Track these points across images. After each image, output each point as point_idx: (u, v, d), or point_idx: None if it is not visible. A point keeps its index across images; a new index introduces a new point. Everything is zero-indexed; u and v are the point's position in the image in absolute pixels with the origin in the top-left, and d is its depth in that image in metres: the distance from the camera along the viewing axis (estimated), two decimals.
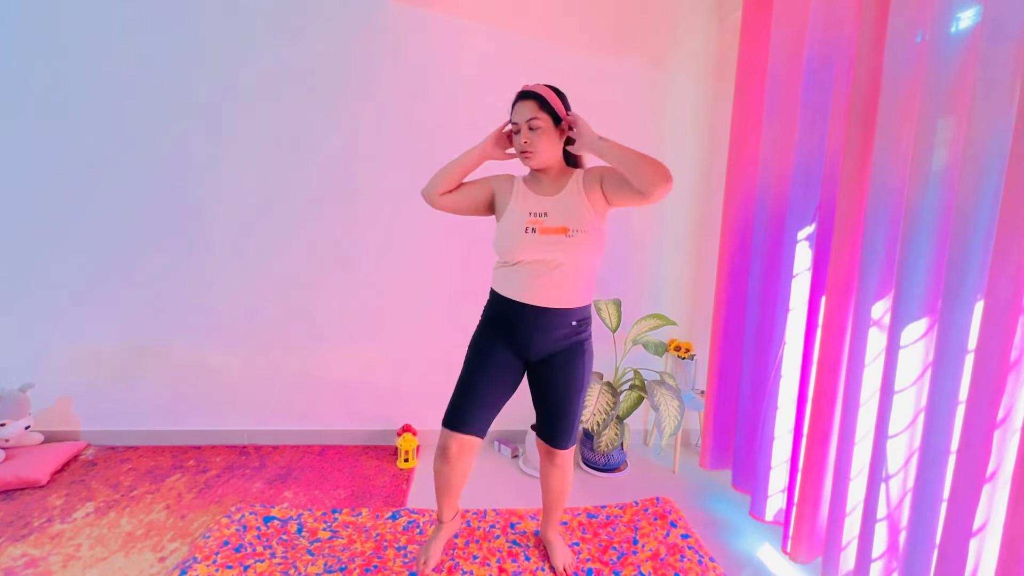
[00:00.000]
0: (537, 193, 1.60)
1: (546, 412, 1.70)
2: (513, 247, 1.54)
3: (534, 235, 1.53)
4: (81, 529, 2.00)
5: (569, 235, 1.52)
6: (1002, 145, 1.21)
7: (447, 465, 1.67)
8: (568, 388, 1.65)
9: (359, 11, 2.47)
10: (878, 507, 1.54)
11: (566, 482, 1.80)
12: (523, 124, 1.53)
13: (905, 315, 1.45)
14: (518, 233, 1.54)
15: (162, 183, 2.52)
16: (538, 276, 1.54)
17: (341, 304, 2.68)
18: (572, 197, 1.57)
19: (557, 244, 1.52)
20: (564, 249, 1.52)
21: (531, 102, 1.53)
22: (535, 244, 1.52)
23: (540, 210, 1.55)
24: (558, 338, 1.61)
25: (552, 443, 1.71)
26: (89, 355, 2.63)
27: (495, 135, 1.62)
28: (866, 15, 1.59)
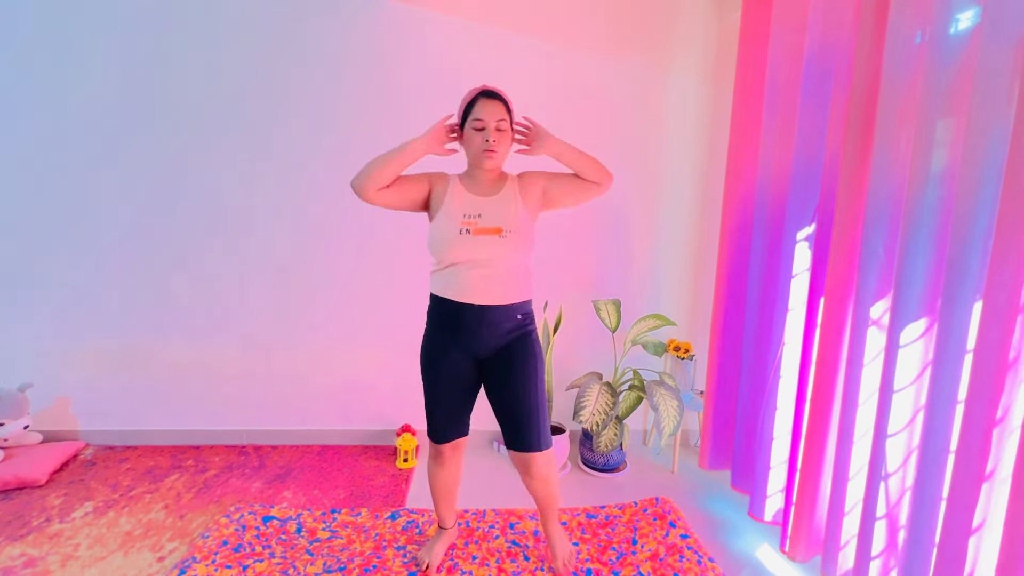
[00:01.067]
0: (473, 193, 1.61)
1: (507, 413, 1.65)
2: (447, 248, 1.55)
3: (468, 236, 1.54)
4: (80, 529, 2.00)
5: (503, 235, 1.55)
6: (1001, 146, 1.22)
7: (444, 468, 1.75)
8: (524, 380, 1.62)
9: (358, 11, 2.47)
10: (877, 506, 1.54)
11: (551, 488, 1.73)
12: (491, 123, 1.54)
13: (904, 315, 1.45)
14: (452, 234, 1.55)
15: (161, 183, 2.52)
16: (475, 275, 1.56)
17: (341, 304, 2.68)
18: (508, 199, 1.60)
19: (490, 244, 1.54)
20: (497, 248, 1.55)
21: (500, 104, 1.56)
22: (468, 244, 1.54)
23: (475, 211, 1.57)
24: (503, 332, 1.62)
25: (525, 447, 1.62)
26: (88, 355, 2.62)
27: (439, 129, 1.59)
28: (865, 16, 1.59)
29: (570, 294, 2.74)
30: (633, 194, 2.72)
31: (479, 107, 1.55)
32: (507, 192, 1.62)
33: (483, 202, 1.59)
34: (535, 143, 1.62)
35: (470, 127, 1.57)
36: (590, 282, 2.77)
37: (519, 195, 1.61)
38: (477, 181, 1.63)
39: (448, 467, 1.76)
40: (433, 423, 1.71)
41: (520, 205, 1.60)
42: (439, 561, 1.83)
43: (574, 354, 2.80)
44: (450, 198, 1.59)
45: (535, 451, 1.63)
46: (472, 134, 1.57)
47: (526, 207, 1.61)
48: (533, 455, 1.63)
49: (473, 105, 1.56)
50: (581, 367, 2.77)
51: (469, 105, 1.58)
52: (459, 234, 1.54)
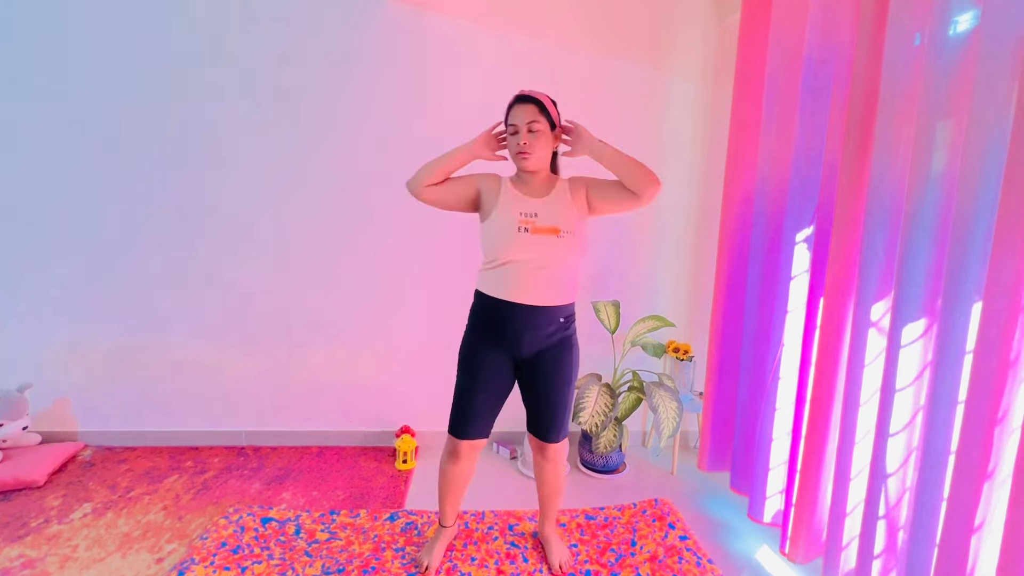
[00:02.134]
0: (527, 194, 1.64)
1: (537, 407, 1.73)
2: (505, 246, 1.57)
3: (526, 234, 1.57)
4: (78, 530, 1.99)
5: (560, 235, 1.58)
6: (1000, 147, 1.22)
7: (457, 465, 1.76)
8: (558, 381, 1.69)
9: (358, 11, 2.47)
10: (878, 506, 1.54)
11: (559, 477, 1.82)
12: (523, 126, 1.58)
13: (904, 315, 1.45)
14: (510, 232, 1.57)
15: (160, 183, 2.52)
16: (528, 275, 1.58)
17: (340, 305, 2.68)
18: (560, 200, 1.64)
19: (548, 244, 1.57)
20: (554, 249, 1.58)
21: (531, 106, 1.59)
22: (527, 243, 1.57)
23: (530, 211, 1.60)
24: (547, 334, 1.65)
25: (544, 437, 1.74)
26: (87, 356, 2.62)
27: (486, 135, 1.67)
28: (864, 18, 1.60)
29: None
30: None
31: (512, 112, 1.61)
32: (559, 193, 1.65)
33: (537, 203, 1.62)
34: (574, 143, 1.65)
35: (508, 132, 1.63)
36: (589, 283, 2.77)
37: (571, 196, 1.65)
38: (527, 183, 1.67)
39: (462, 466, 1.76)
40: (459, 418, 1.71)
41: (572, 206, 1.63)
42: (439, 562, 1.83)
43: None
44: (504, 197, 1.63)
45: (554, 442, 1.75)
46: (509, 139, 1.63)
47: (577, 209, 1.64)
48: (556, 446, 1.76)
49: (509, 111, 1.62)
50: (580, 368, 2.75)
51: (507, 112, 1.63)
52: (517, 232, 1.57)
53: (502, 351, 1.67)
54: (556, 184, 1.67)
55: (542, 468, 1.81)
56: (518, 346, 1.65)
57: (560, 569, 1.82)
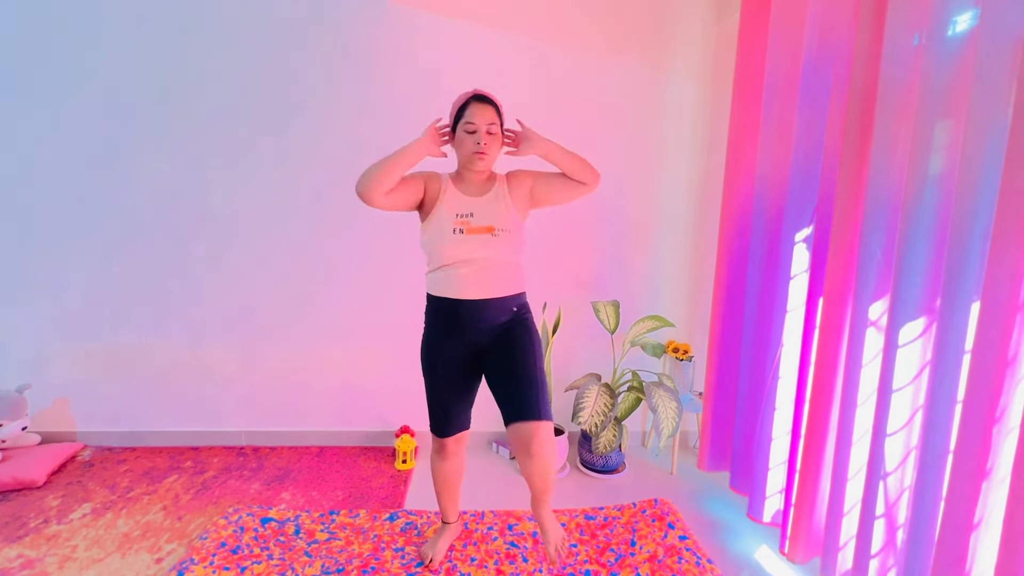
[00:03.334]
0: (464, 194, 1.65)
1: (508, 387, 1.61)
2: (441, 247, 1.60)
3: (461, 235, 1.59)
4: (78, 530, 1.99)
5: (495, 234, 1.59)
6: (999, 148, 1.22)
7: (447, 461, 1.78)
8: (522, 355, 1.63)
9: (357, 12, 2.47)
10: (876, 506, 1.54)
11: (549, 469, 1.59)
12: (482, 126, 1.58)
13: (903, 315, 1.46)
14: (445, 234, 1.59)
15: (160, 184, 2.52)
16: (469, 273, 1.60)
17: (340, 305, 2.68)
18: (498, 199, 1.66)
19: (483, 243, 1.59)
20: (489, 247, 1.59)
21: (491, 108, 1.60)
22: (462, 243, 1.59)
23: (466, 211, 1.62)
24: (501, 323, 1.66)
25: (526, 415, 1.54)
26: (86, 356, 2.62)
27: (433, 132, 1.63)
28: (863, 18, 1.60)
29: (569, 295, 2.74)
30: (632, 195, 2.72)
31: (471, 110, 1.59)
32: (497, 192, 1.67)
33: (474, 202, 1.64)
34: (523, 144, 1.66)
35: (462, 129, 1.61)
36: (589, 283, 2.77)
37: (508, 194, 1.67)
38: (468, 182, 1.68)
39: (451, 460, 1.79)
40: (436, 418, 1.75)
41: (510, 204, 1.65)
42: (443, 556, 1.84)
43: (573, 355, 2.80)
44: (442, 198, 1.63)
45: (536, 419, 1.54)
46: (463, 136, 1.61)
47: (516, 206, 1.66)
48: (535, 425, 1.53)
49: (465, 108, 1.60)
50: (580, 368, 2.77)
51: (461, 108, 1.61)
52: (452, 234, 1.59)
53: (461, 346, 1.67)
54: (495, 182, 1.69)
55: (528, 467, 1.57)
56: (473, 338, 1.65)
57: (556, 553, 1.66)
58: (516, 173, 1.71)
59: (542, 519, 1.70)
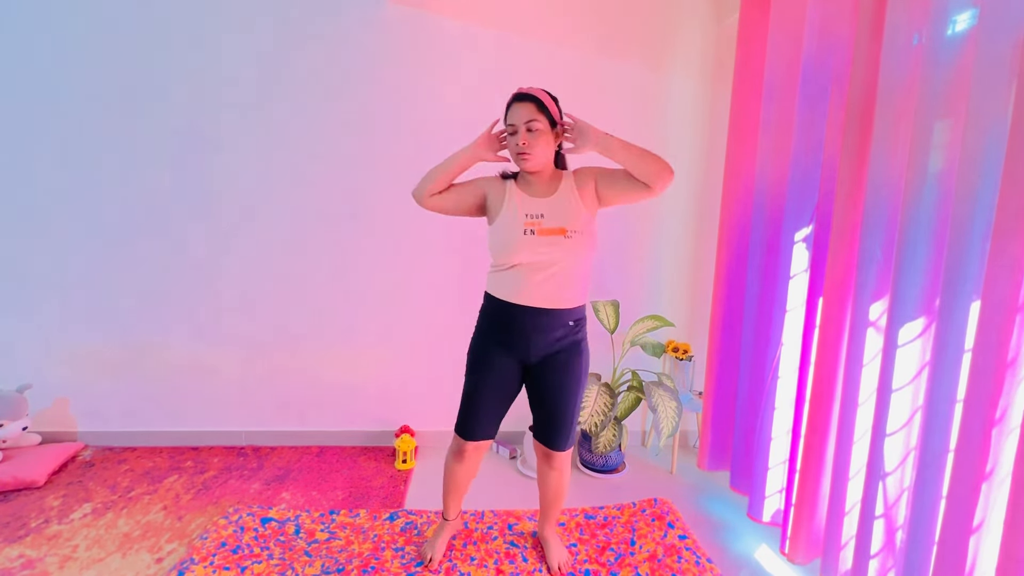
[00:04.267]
0: (530, 195, 1.60)
1: (544, 414, 1.70)
2: (511, 249, 1.55)
3: (532, 236, 1.53)
4: (78, 530, 2.00)
5: (567, 236, 1.54)
6: (998, 147, 1.22)
7: (462, 464, 1.76)
8: (566, 389, 1.65)
9: (357, 12, 2.47)
10: (876, 506, 1.54)
11: (563, 484, 1.80)
12: (521, 126, 1.53)
13: (902, 315, 1.46)
14: (516, 235, 1.54)
15: (160, 184, 2.52)
16: (536, 277, 1.55)
17: (340, 305, 2.68)
18: (567, 198, 1.59)
19: (555, 245, 1.53)
20: (562, 250, 1.54)
21: (529, 104, 1.54)
22: (534, 245, 1.53)
23: (537, 212, 1.56)
24: (556, 338, 1.62)
25: (551, 445, 1.71)
26: (86, 356, 2.62)
27: (486, 136, 1.62)
28: (863, 18, 1.60)
29: None
30: None
31: (510, 112, 1.56)
32: (564, 191, 1.60)
33: (543, 202, 1.58)
34: (578, 139, 1.55)
35: (507, 133, 1.59)
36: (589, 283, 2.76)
37: (577, 192, 1.60)
38: (531, 183, 1.63)
39: (467, 465, 1.76)
40: (465, 419, 1.70)
41: (579, 203, 1.58)
42: (442, 554, 1.84)
43: None
44: (509, 200, 1.59)
45: (560, 451, 1.72)
46: (509, 139, 1.58)
47: (585, 205, 1.59)
48: (559, 454, 1.73)
49: (508, 111, 1.58)
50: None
51: (506, 112, 1.59)
52: (523, 235, 1.53)
53: (510, 354, 1.64)
54: (562, 181, 1.62)
55: (546, 475, 1.79)
56: (526, 350, 1.62)
57: (559, 570, 1.81)
58: (582, 170, 1.64)
59: (546, 538, 1.89)
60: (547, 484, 1.80)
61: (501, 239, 1.57)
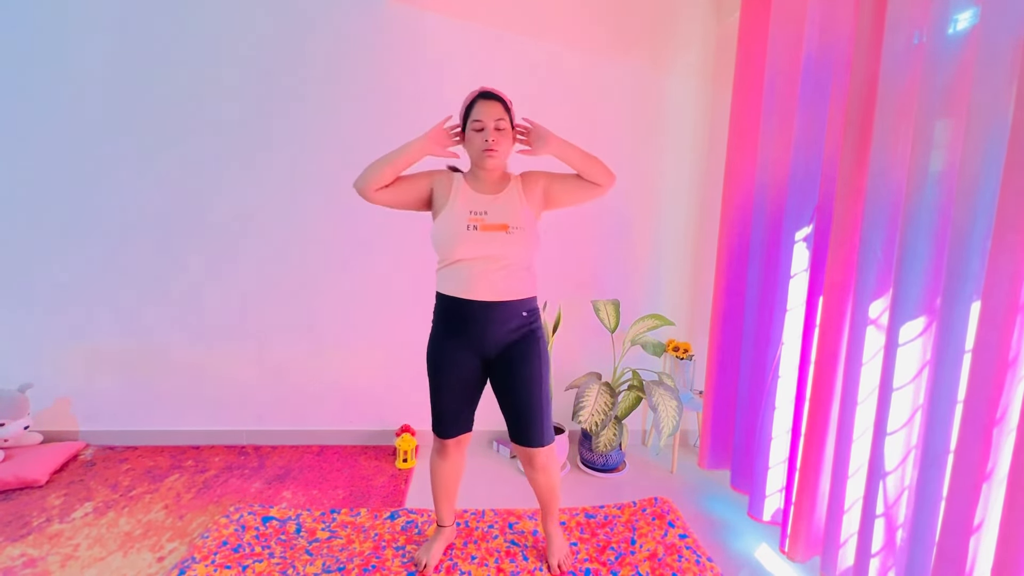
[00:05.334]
0: (477, 191, 1.64)
1: (514, 411, 1.69)
2: (453, 244, 1.58)
3: (475, 232, 1.57)
4: (80, 529, 2.00)
5: (509, 232, 1.58)
6: (999, 146, 1.22)
7: (446, 461, 1.77)
8: (529, 378, 1.66)
9: (357, 11, 2.47)
10: (876, 505, 1.54)
11: (553, 481, 1.78)
12: (490, 123, 1.57)
13: (903, 314, 1.46)
14: (459, 230, 1.57)
15: (160, 183, 2.52)
16: (482, 272, 1.59)
17: (340, 305, 2.68)
18: (512, 198, 1.64)
19: (497, 240, 1.58)
20: (504, 245, 1.58)
21: (498, 104, 1.59)
22: (475, 241, 1.57)
23: (481, 208, 1.60)
24: (510, 329, 1.64)
25: (528, 443, 1.69)
26: (87, 355, 2.63)
27: (437, 130, 1.63)
28: (863, 17, 1.60)
29: (569, 294, 2.74)
30: (632, 194, 2.72)
31: (478, 108, 1.59)
32: (511, 190, 1.65)
33: (489, 200, 1.62)
34: (536, 143, 1.64)
35: (470, 128, 1.61)
36: (589, 282, 2.77)
37: (522, 193, 1.65)
38: (481, 180, 1.66)
39: (451, 461, 1.78)
40: (438, 419, 1.74)
41: (524, 203, 1.64)
42: (437, 561, 1.83)
43: (573, 354, 2.80)
44: (455, 196, 1.62)
45: (537, 447, 1.70)
46: (472, 135, 1.61)
47: (530, 205, 1.65)
48: (537, 450, 1.70)
49: (472, 107, 1.60)
50: (580, 367, 2.77)
51: (469, 107, 1.61)
52: (466, 230, 1.57)
53: (468, 349, 1.66)
54: (509, 181, 1.67)
55: (534, 479, 1.77)
56: (482, 343, 1.64)
57: (559, 568, 1.81)
58: (530, 173, 1.70)
59: (550, 533, 1.88)
60: (537, 485, 1.78)
61: (444, 234, 1.59)
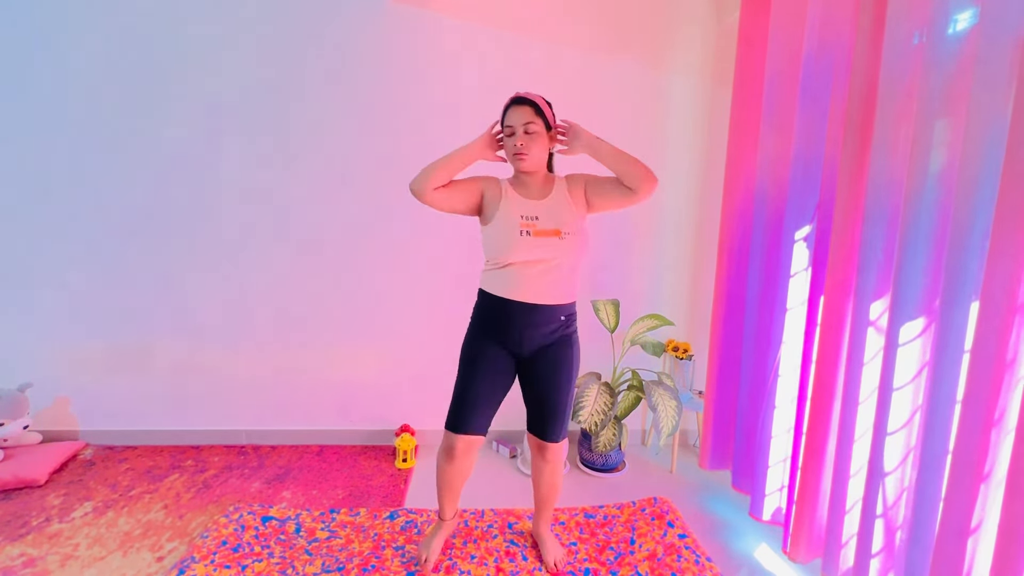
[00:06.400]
0: (525, 197, 1.66)
1: (538, 405, 1.75)
2: (508, 249, 1.59)
3: (528, 237, 1.59)
4: (79, 529, 2.00)
5: (562, 237, 1.60)
6: (998, 146, 1.22)
7: (453, 463, 1.75)
8: (558, 380, 1.71)
9: (358, 12, 2.47)
10: (876, 505, 1.54)
11: (557, 478, 1.83)
12: (519, 127, 1.59)
13: (902, 315, 1.46)
14: (512, 235, 1.59)
15: (161, 184, 2.52)
16: (531, 275, 1.61)
17: (340, 304, 2.68)
18: (560, 201, 1.65)
19: (550, 246, 1.59)
20: (557, 250, 1.60)
21: (527, 107, 1.61)
22: (529, 246, 1.58)
23: (532, 214, 1.62)
24: (548, 332, 1.68)
25: (545, 436, 1.75)
26: (87, 355, 2.63)
27: (488, 136, 1.68)
28: (863, 17, 1.59)
29: None
30: None
31: (508, 114, 1.63)
32: (558, 194, 1.67)
33: (537, 205, 1.64)
34: (571, 142, 1.66)
35: (504, 134, 1.65)
36: (588, 282, 2.77)
37: (569, 197, 1.66)
38: (526, 185, 1.68)
39: (457, 463, 1.75)
40: (456, 409, 1.71)
41: (571, 206, 1.65)
42: (437, 555, 1.84)
43: None
44: (505, 201, 1.64)
45: (553, 442, 1.76)
46: (506, 140, 1.64)
47: (576, 208, 1.65)
48: (553, 445, 1.77)
49: (505, 113, 1.64)
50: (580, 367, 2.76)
51: (503, 115, 1.65)
52: (520, 236, 1.59)
53: (503, 347, 1.69)
54: (554, 184, 1.69)
55: (540, 469, 1.82)
56: (519, 343, 1.67)
57: (555, 567, 1.82)
58: (573, 176, 1.71)
59: (542, 535, 1.91)
60: (541, 477, 1.83)
61: (497, 239, 1.61)
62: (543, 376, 1.71)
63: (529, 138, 1.59)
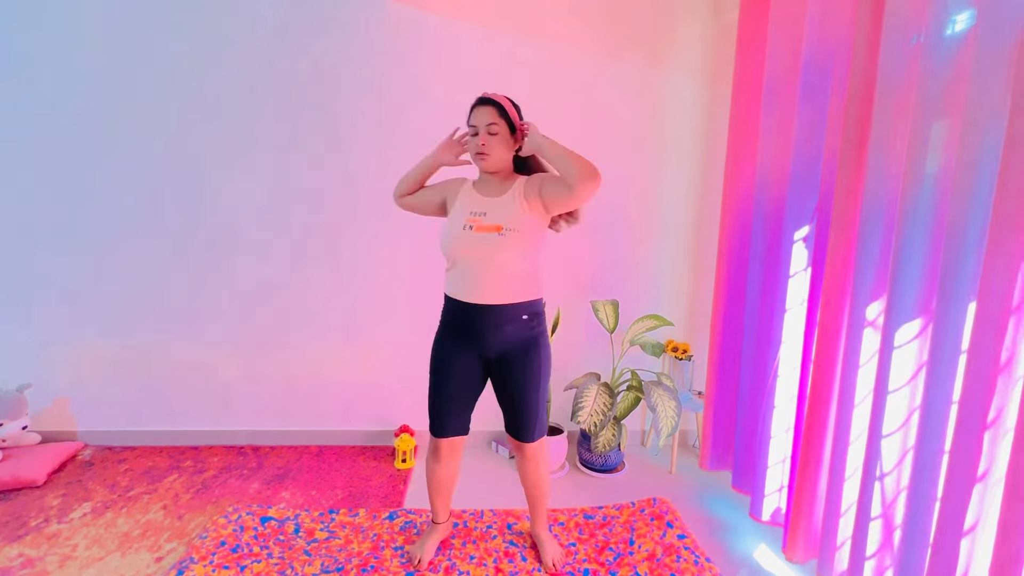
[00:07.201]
0: (482, 194, 1.68)
1: (509, 408, 1.75)
2: (449, 244, 1.63)
3: (469, 232, 1.60)
4: (78, 529, 2.00)
5: (501, 233, 1.58)
6: (996, 147, 1.22)
7: (440, 463, 1.79)
8: (526, 383, 1.70)
9: (357, 12, 2.47)
10: (872, 506, 1.54)
11: (541, 474, 1.83)
12: (482, 128, 1.61)
13: (899, 316, 1.46)
14: (455, 231, 1.62)
15: (159, 183, 2.52)
16: (474, 273, 1.62)
17: (339, 305, 2.68)
18: (511, 199, 1.65)
19: (489, 241, 1.58)
20: (495, 247, 1.58)
21: (490, 108, 1.62)
22: (469, 241, 1.60)
23: (480, 210, 1.63)
24: (510, 332, 1.66)
25: (518, 437, 1.77)
26: (86, 355, 2.63)
27: (447, 142, 1.73)
28: (862, 17, 1.60)
29: (568, 295, 2.74)
30: (631, 194, 2.72)
31: (472, 115, 1.65)
32: (512, 192, 1.66)
33: (490, 202, 1.65)
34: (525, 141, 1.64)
35: (468, 133, 1.67)
36: (588, 282, 2.77)
37: (521, 194, 1.65)
38: (487, 183, 1.70)
39: (444, 465, 1.79)
40: (434, 415, 1.76)
41: (523, 205, 1.62)
42: (431, 557, 1.84)
43: (572, 355, 2.80)
44: (461, 198, 1.68)
45: (528, 442, 1.77)
46: (470, 140, 1.66)
47: (529, 207, 1.62)
48: (528, 445, 1.78)
49: (471, 114, 1.66)
50: (579, 368, 2.77)
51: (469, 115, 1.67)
52: (462, 230, 1.61)
53: (469, 350, 1.69)
54: (514, 184, 1.67)
55: (523, 467, 1.83)
56: (482, 345, 1.67)
57: (553, 567, 1.82)
58: (533, 176, 1.69)
59: (539, 536, 1.91)
60: (525, 476, 1.84)
61: (445, 234, 1.66)
62: (510, 379, 1.70)
63: (491, 139, 1.61)
